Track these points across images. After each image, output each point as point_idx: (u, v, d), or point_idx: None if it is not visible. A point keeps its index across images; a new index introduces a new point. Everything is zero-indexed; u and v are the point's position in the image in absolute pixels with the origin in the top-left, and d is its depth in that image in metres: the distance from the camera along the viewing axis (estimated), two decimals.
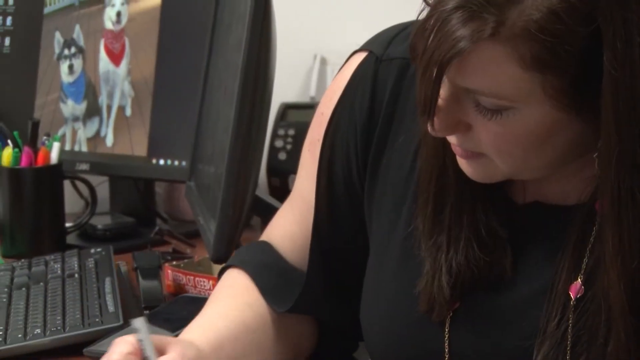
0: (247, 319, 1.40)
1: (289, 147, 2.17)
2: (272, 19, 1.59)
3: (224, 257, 1.64)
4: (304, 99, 2.26)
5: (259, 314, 1.41)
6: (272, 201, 1.87)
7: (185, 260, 1.87)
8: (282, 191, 2.12)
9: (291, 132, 2.18)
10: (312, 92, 2.26)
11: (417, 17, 1.13)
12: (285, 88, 2.16)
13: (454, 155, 1.22)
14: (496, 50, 1.09)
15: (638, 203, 1.12)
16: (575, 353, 1.19)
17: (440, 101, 1.15)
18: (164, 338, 1.27)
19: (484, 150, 1.18)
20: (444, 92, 1.14)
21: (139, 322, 1.25)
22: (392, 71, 1.35)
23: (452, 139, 1.20)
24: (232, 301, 1.42)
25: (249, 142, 1.60)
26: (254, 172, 1.65)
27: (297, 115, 2.19)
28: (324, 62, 2.25)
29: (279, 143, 2.18)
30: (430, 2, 1.11)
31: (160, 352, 1.24)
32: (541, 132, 1.14)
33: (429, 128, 1.16)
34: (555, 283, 1.22)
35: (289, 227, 1.48)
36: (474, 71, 1.11)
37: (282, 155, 2.17)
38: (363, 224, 1.39)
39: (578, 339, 1.19)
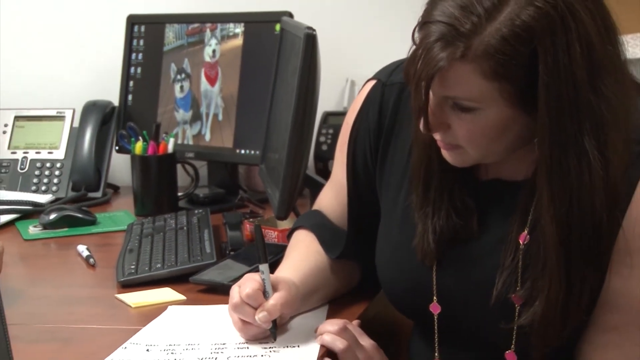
0: (318, 262, 1.40)
1: (329, 141, 2.16)
2: (317, 53, 1.59)
3: (284, 216, 1.65)
4: (339, 108, 2.25)
5: (324, 259, 1.42)
6: (318, 178, 1.87)
7: (258, 218, 1.87)
8: (324, 171, 2.11)
9: (331, 131, 2.17)
10: (345, 104, 2.25)
11: (409, 52, 1.13)
12: (326, 101, 2.16)
13: (438, 150, 1.22)
14: (465, 67, 1.09)
15: (563, 168, 1.11)
16: (524, 277, 1.19)
17: (429, 109, 1.14)
18: (275, 278, 1.27)
19: (460, 143, 1.17)
20: (430, 102, 1.14)
21: (264, 267, 1.25)
22: (393, 92, 1.35)
23: (437, 136, 1.19)
24: (307, 250, 1.43)
25: (302, 138, 1.60)
26: (305, 158, 1.64)
27: (335, 120, 2.19)
28: (353, 83, 2.25)
29: (322, 139, 2.18)
30: (417, 41, 1.11)
31: (274, 289, 1.26)
32: (499, 126, 1.14)
33: (422, 127, 1.16)
34: (510, 234, 1.21)
35: (329, 200, 1.48)
36: (451, 83, 1.11)
37: (325, 147, 2.16)
38: (376, 195, 1.38)
39: (526, 268, 1.19)
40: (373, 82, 1.38)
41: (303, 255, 1.41)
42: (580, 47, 1.07)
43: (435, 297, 1.27)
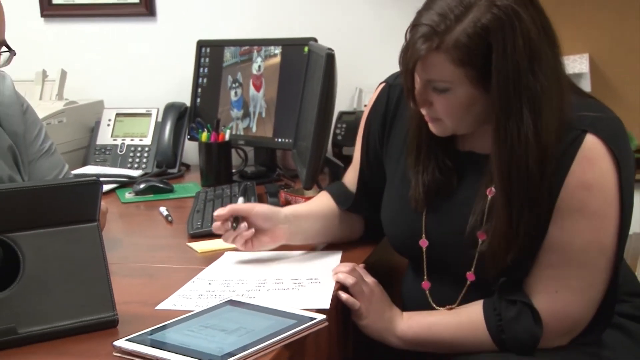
0: (323, 209, 1.39)
1: (343, 133, 2.13)
2: (335, 68, 1.57)
3: (309, 187, 1.63)
4: (350, 109, 2.23)
5: (332, 209, 1.40)
6: (335, 160, 1.85)
7: (290, 188, 1.86)
8: (339, 155, 2.09)
9: (344, 125, 2.14)
10: (355, 105, 2.23)
11: (402, 48, 1.14)
12: (341, 103, 2.13)
13: (426, 125, 1.21)
14: (439, 56, 1.10)
15: (507, 132, 1.11)
16: (489, 218, 1.18)
17: (415, 90, 1.15)
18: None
19: (440, 116, 1.17)
20: (416, 84, 1.16)
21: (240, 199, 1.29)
22: (397, 92, 1.35)
23: (423, 111, 1.19)
24: (318, 201, 1.42)
25: (323, 130, 1.58)
26: (325, 145, 1.62)
27: (347, 117, 2.16)
28: (361, 91, 2.22)
29: (338, 131, 2.15)
30: (407, 38, 1.13)
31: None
32: (467, 102, 1.14)
33: (411, 104, 1.17)
34: (480, 189, 1.20)
35: (351, 177, 1.46)
36: (429, 68, 1.12)
37: (339, 137, 2.13)
38: (383, 166, 1.37)
39: (489, 213, 1.18)
40: (383, 85, 1.38)
41: (313, 203, 1.41)
42: (523, 41, 1.09)
43: (424, 235, 1.27)
